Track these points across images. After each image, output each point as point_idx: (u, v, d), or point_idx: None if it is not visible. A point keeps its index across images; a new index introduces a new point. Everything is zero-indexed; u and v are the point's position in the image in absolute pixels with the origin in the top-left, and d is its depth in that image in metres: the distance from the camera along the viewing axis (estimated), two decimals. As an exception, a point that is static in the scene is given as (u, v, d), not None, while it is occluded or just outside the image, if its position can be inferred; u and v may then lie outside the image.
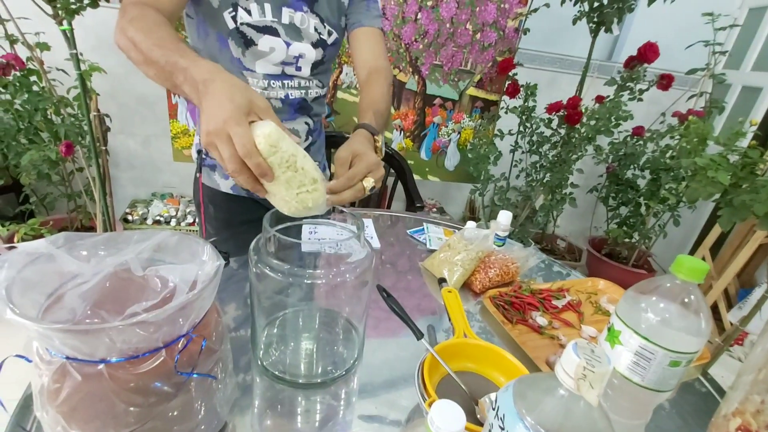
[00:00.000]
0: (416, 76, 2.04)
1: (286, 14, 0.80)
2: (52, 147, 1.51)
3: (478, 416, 0.52)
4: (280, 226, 0.62)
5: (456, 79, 2.09)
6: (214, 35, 0.80)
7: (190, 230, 2.03)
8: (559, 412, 0.26)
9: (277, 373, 0.58)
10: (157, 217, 2.02)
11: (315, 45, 0.85)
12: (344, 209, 0.64)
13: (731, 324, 1.91)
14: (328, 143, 1.19)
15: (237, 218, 0.99)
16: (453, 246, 0.91)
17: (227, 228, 0.99)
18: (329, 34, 0.86)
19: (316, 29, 0.83)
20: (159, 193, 2.20)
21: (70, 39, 1.37)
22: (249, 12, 0.77)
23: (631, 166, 2.17)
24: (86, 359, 0.35)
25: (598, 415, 0.25)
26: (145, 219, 2.01)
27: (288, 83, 0.87)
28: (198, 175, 0.96)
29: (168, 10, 0.65)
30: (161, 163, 2.13)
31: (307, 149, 0.99)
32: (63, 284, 0.40)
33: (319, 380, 0.58)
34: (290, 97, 0.89)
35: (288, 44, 0.82)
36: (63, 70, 1.63)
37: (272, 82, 0.85)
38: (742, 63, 2.24)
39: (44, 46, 1.52)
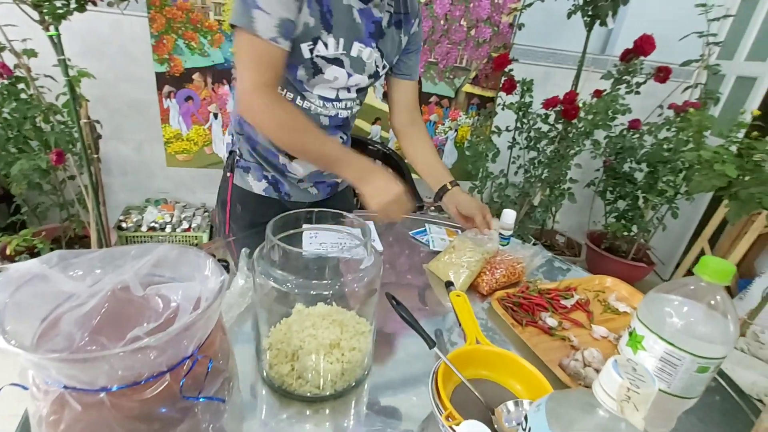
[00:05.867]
0: (411, 74, 2.02)
1: (356, 48, 0.86)
2: (42, 156, 1.47)
3: (495, 426, 0.50)
4: (282, 234, 0.60)
5: (451, 77, 2.07)
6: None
7: (186, 236, 2.00)
8: (599, 435, 0.24)
9: (284, 386, 0.56)
10: (152, 224, 1.98)
11: (371, 76, 0.92)
12: (349, 215, 0.62)
13: (733, 315, 1.91)
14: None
15: (263, 219, 0.99)
16: (458, 248, 0.89)
17: (252, 227, 1.02)
18: (384, 67, 0.94)
19: (375, 63, 0.90)
20: (153, 199, 2.16)
21: (57, 45, 1.34)
22: (327, 46, 0.82)
23: (629, 160, 2.16)
24: (86, 388, 0.32)
25: (642, 438, 0.24)
26: (140, 226, 1.97)
27: (338, 104, 0.93)
28: (229, 174, 1.00)
29: (281, 72, 0.79)
30: (154, 168, 2.09)
31: None
32: (58, 306, 0.38)
33: (328, 393, 0.56)
34: (339, 116, 0.95)
35: (350, 75, 0.88)
36: (51, 77, 1.59)
37: (325, 103, 0.91)
38: (735, 53, 2.24)
39: (31, 53, 1.48)
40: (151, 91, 1.86)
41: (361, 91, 0.97)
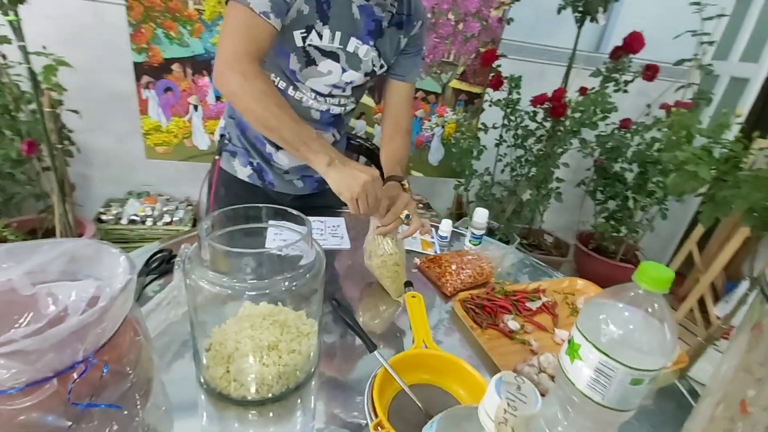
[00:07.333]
0: (398, 69, 1.99)
1: (353, 44, 0.85)
2: (13, 145, 1.44)
3: (433, 435, 0.48)
4: (219, 232, 0.57)
5: (438, 72, 2.03)
6: (276, 45, 0.81)
7: (167, 230, 1.97)
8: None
9: (218, 389, 0.53)
10: (132, 217, 1.95)
11: (367, 74, 0.91)
12: (289, 209, 0.59)
13: (717, 318, 1.89)
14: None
15: (245, 203, 0.99)
16: (374, 252, 0.79)
17: None
18: (381, 67, 0.92)
19: (372, 61, 0.89)
20: (135, 191, 2.13)
21: (17, 30, 1.30)
22: (321, 36, 0.82)
23: (619, 159, 2.13)
24: (-46, 395, 0.30)
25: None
26: (120, 219, 1.94)
27: (330, 100, 0.93)
28: (217, 157, 0.99)
29: (266, 51, 0.76)
30: (135, 160, 2.05)
31: None
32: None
33: (268, 396, 0.54)
34: (331, 112, 0.95)
35: (344, 70, 0.87)
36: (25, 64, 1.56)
37: (318, 97, 0.91)
38: (729, 53, 2.21)
39: (4, 39, 1.44)
40: (130, 81, 1.83)
41: (357, 89, 0.95)
